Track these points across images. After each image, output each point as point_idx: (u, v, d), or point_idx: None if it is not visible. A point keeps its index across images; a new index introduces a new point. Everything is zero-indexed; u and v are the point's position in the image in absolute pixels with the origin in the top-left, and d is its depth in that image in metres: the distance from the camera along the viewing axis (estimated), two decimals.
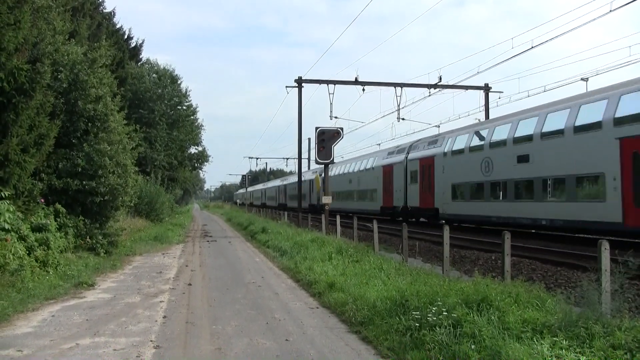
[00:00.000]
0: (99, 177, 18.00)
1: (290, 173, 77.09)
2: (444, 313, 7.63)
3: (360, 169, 47.17)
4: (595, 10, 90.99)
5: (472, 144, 28.79)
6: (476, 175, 27.62)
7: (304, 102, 36.90)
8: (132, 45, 45.23)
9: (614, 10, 20.44)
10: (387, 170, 40.16)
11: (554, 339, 6.45)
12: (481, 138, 27.96)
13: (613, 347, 6.16)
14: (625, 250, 10.03)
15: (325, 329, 9.14)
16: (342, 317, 9.89)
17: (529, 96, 34.33)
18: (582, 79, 31.03)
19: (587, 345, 6.30)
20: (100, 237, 18.26)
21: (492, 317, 7.41)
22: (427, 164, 33.86)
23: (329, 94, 36.57)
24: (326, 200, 29.97)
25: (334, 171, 51.13)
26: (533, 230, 25.90)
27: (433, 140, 34.46)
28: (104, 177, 18.08)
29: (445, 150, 31.73)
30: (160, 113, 47.16)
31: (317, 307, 11.05)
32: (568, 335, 6.55)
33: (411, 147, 37.53)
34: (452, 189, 30.47)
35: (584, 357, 5.94)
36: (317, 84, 37.17)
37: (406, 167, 36.86)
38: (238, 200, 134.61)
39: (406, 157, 37.24)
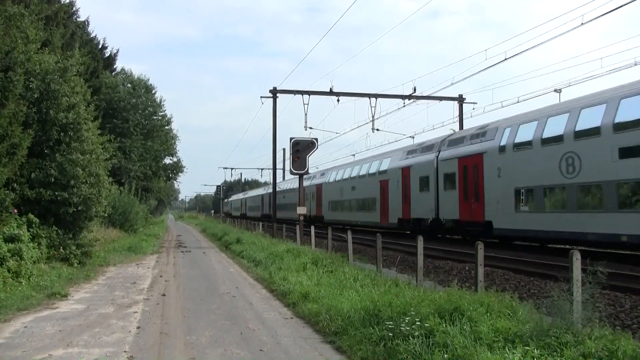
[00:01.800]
0: (71, 187, 17.83)
1: (284, 180, 70.73)
2: (417, 323, 7.69)
3: (371, 172, 39.98)
4: (568, 23, 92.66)
5: (546, 135, 21.76)
6: (553, 176, 21.01)
7: (278, 113, 36.94)
8: (107, 54, 44.93)
9: (585, 23, 20.76)
10: (407, 173, 33.72)
11: (526, 348, 6.52)
12: (559, 126, 21.10)
13: (584, 355, 6.24)
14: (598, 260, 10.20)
15: (300, 339, 9.16)
16: (316, 327, 9.91)
17: (502, 107, 34.77)
18: (555, 90, 31.53)
19: (558, 355, 6.37)
20: (73, 248, 18.06)
21: (465, 327, 7.49)
22: (472, 163, 26.70)
23: (304, 104, 36.44)
24: (300, 211, 30.10)
25: (331, 177, 49.02)
26: None
27: (480, 133, 26.91)
28: (76, 188, 17.90)
29: (502, 144, 24.37)
30: (134, 123, 46.84)
31: (292, 318, 11.07)
32: (539, 345, 6.62)
33: (443, 142, 30.63)
34: (516, 195, 23.28)
35: None
36: (292, 95, 37.23)
37: (437, 169, 30.06)
38: (231, 211, 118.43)
39: (437, 156, 30.38)
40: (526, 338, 6.83)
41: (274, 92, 36.48)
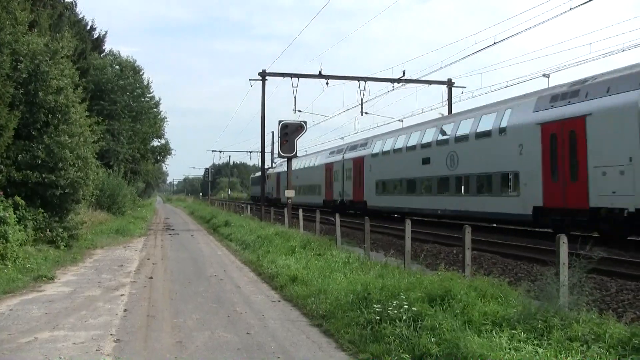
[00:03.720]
0: (59, 169, 17.66)
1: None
2: (405, 307, 7.70)
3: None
4: (557, 8, 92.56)
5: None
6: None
7: (268, 96, 36.81)
8: (95, 36, 44.42)
9: (574, 8, 20.52)
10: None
11: (513, 331, 6.56)
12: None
13: (570, 339, 6.29)
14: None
15: (287, 322, 9.15)
16: (304, 311, 9.92)
17: (491, 91, 35.05)
18: (543, 75, 31.59)
19: (545, 338, 6.42)
20: (60, 230, 17.94)
21: (455, 311, 7.52)
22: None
23: (293, 87, 36.43)
24: (289, 194, 29.97)
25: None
26: None
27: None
28: (64, 170, 17.73)
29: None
30: (122, 105, 46.48)
31: (279, 301, 11.06)
32: (526, 328, 6.66)
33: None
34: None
35: (542, 349, 6.04)
36: (281, 78, 37.10)
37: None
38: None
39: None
40: (513, 322, 6.87)
41: (263, 75, 36.34)
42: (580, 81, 20.71)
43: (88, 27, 42.26)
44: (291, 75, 36.50)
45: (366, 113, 39.24)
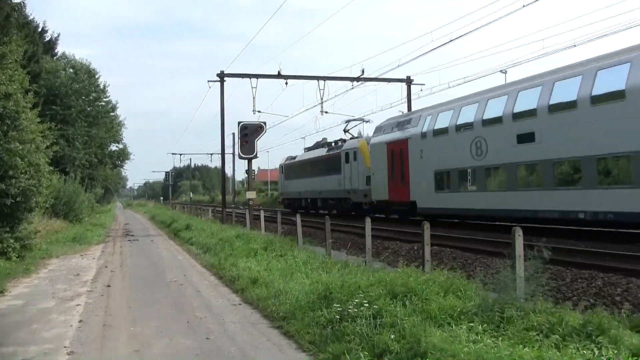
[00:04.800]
0: (9, 177, 17.13)
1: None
2: (365, 304, 7.66)
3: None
4: (510, 5, 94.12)
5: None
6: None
7: (227, 97, 36.54)
8: (47, 38, 43.43)
9: (527, 5, 20.75)
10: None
11: (471, 324, 6.59)
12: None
13: (527, 329, 6.35)
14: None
15: (247, 325, 9.05)
16: (265, 313, 9.81)
17: (449, 87, 35.08)
18: (500, 71, 32.05)
19: (503, 329, 6.47)
20: (11, 241, 17.35)
21: (416, 307, 7.53)
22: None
23: (252, 87, 36.27)
24: (250, 195, 29.82)
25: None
26: None
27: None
28: (14, 178, 17.21)
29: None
30: (77, 109, 45.58)
31: (240, 304, 10.93)
32: (484, 320, 6.72)
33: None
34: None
35: (500, 340, 6.06)
36: (240, 78, 36.92)
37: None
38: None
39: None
40: (471, 315, 6.91)
41: (222, 76, 36.11)
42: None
43: (39, 29, 41.28)
44: (250, 76, 36.35)
45: (326, 112, 39.17)
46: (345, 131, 40.89)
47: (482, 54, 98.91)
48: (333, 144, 41.78)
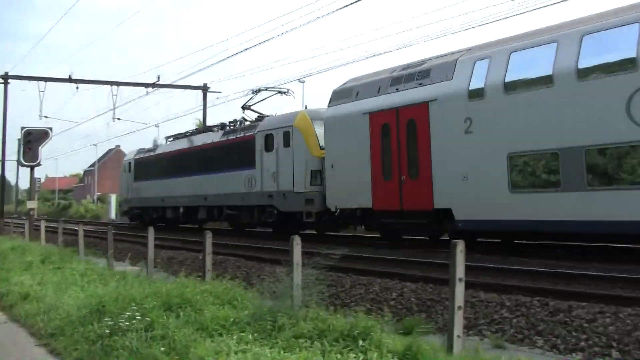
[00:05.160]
0: None
1: None
2: (138, 317, 7.39)
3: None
4: (308, 15, 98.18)
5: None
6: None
7: (13, 100, 33.98)
8: None
9: (321, 17, 21.47)
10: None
11: (242, 334, 6.61)
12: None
13: (296, 336, 6.46)
14: None
15: (11, 345, 8.35)
16: (32, 330, 9.07)
17: (244, 95, 35.14)
18: (299, 81, 33.15)
19: (274, 337, 6.53)
20: None
21: (189, 318, 7.41)
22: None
23: (40, 91, 34.30)
24: (31, 205, 27.98)
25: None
26: None
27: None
28: None
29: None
30: None
31: (6, 322, 10.05)
32: (256, 329, 6.76)
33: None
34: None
35: (269, 348, 6.13)
36: (27, 81, 34.67)
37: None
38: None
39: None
40: (243, 324, 6.94)
41: (5, 78, 33.65)
42: None
43: None
44: (38, 79, 34.28)
45: (118, 119, 37.86)
46: (246, 108, 27.36)
47: (281, 62, 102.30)
48: (232, 126, 27.78)
